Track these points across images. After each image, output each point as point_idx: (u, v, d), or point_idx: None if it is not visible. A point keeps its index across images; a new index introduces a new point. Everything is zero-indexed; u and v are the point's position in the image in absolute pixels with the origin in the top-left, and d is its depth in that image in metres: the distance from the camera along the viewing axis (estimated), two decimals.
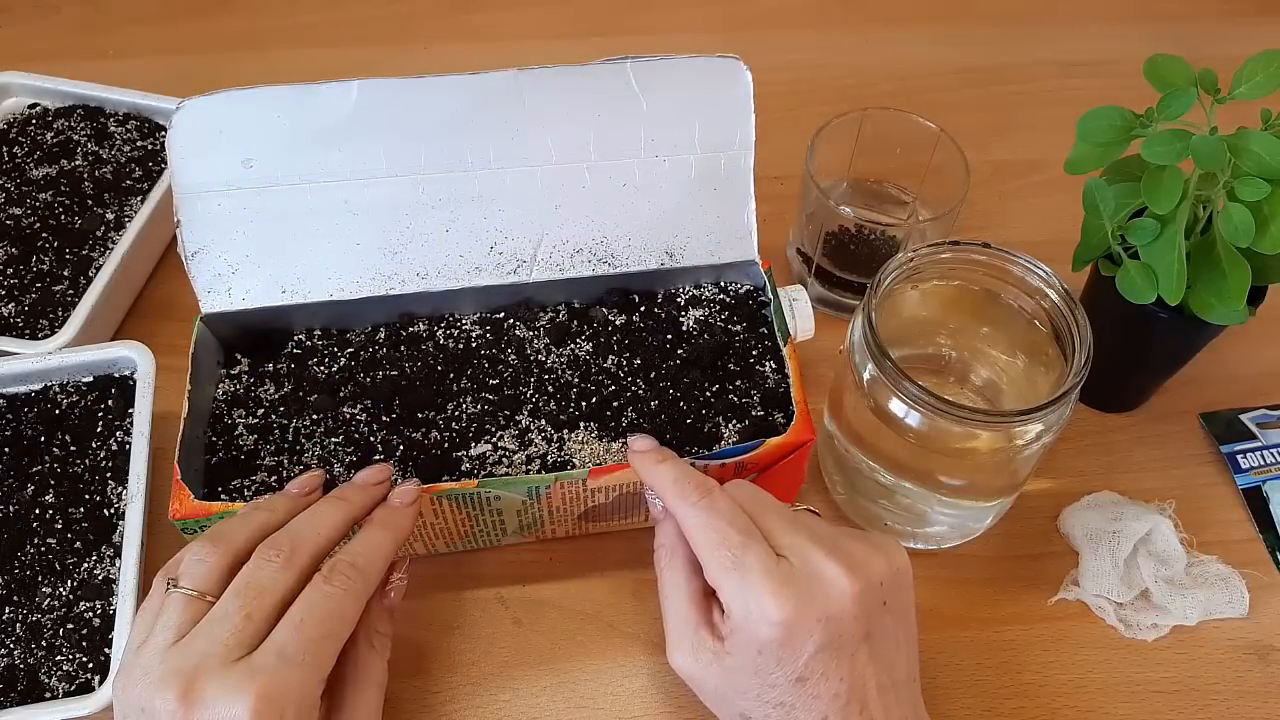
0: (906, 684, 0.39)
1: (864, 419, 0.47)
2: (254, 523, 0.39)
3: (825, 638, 0.36)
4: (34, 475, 0.50)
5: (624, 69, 0.50)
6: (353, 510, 0.40)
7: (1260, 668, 0.49)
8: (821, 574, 0.37)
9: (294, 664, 0.34)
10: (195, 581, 0.36)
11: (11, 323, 0.56)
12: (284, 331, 0.52)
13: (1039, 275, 0.46)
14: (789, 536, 0.38)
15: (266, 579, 0.36)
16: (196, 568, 0.37)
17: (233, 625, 0.35)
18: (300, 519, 0.39)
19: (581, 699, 0.47)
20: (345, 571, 0.37)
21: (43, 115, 0.67)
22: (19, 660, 0.45)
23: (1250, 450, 0.55)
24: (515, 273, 0.52)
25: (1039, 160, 0.70)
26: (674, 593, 0.40)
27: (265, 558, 0.37)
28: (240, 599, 0.35)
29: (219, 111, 0.48)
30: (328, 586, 0.36)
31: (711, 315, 0.53)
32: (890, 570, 0.39)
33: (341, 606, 0.36)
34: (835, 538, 0.39)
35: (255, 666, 0.34)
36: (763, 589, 0.36)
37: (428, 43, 0.79)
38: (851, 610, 0.36)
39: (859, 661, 0.37)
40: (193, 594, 0.36)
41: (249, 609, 0.35)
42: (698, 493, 0.39)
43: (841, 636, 0.36)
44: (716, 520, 0.38)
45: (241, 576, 0.36)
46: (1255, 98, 0.46)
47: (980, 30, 0.81)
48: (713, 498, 0.39)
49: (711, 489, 0.40)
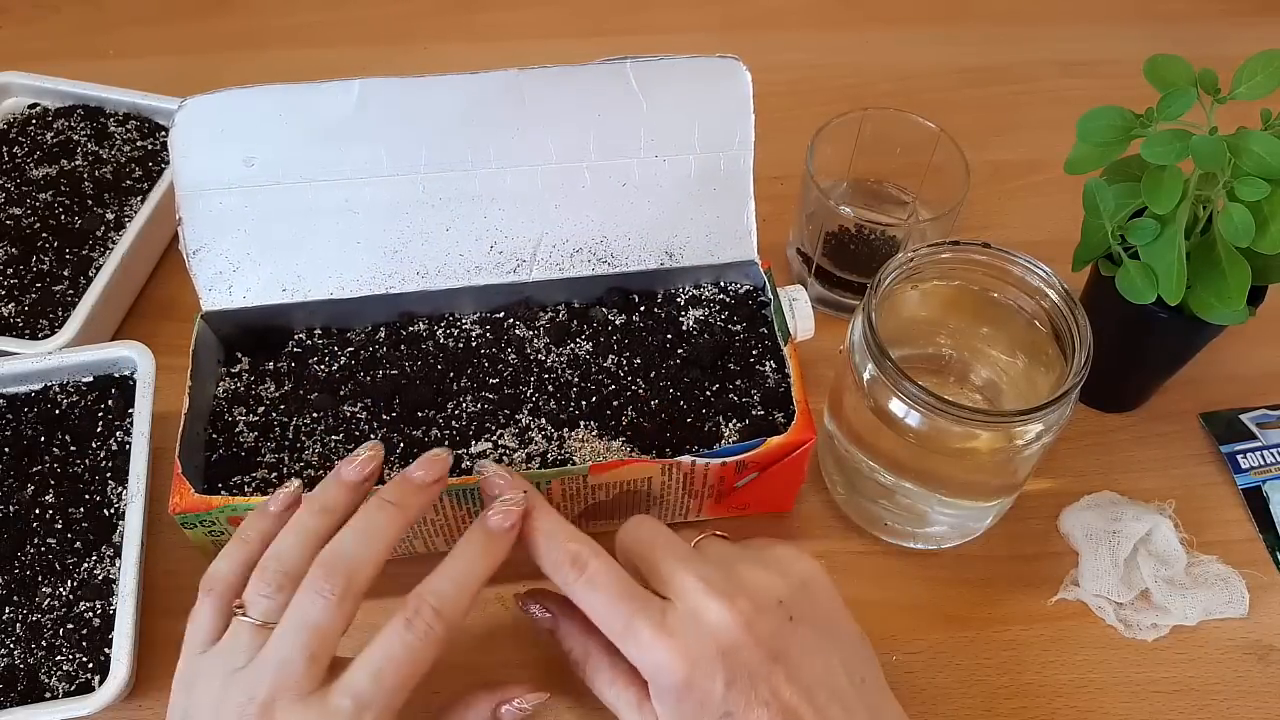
0: (852, 689, 0.37)
1: (864, 419, 0.47)
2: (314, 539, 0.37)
3: (729, 672, 0.36)
4: (34, 475, 0.50)
5: (624, 69, 0.50)
6: (410, 519, 0.38)
7: (1260, 668, 0.49)
8: (703, 613, 0.36)
9: (366, 710, 0.34)
10: (264, 614, 0.36)
11: (11, 323, 0.56)
12: (284, 330, 0.52)
13: (1039, 275, 0.46)
14: (676, 578, 0.37)
15: (324, 619, 0.35)
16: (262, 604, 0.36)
17: (298, 670, 0.34)
18: (354, 534, 0.37)
19: (581, 699, 0.47)
20: (429, 620, 0.35)
21: (43, 115, 0.67)
22: (19, 660, 0.45)
23: (1250, 450, 0.55)
24: (515, 272, 0.52)
25: (1039, 160, 0.70)
26: (603, 685, 0.40)
27: (319, 592, 0.35)
28: (300, 638, 0.34)
29: (221, 110, 0.48)
30: (409, 635, 0.35)
31: (711, 315, 0.53)
32: (789, 586, 0.38)
33: (421, 655, 0.35)
34: (730, 567, 0.38)
35: (330, 709, 0.34)
36: (655, 645, 0.36)
37: (428, 43, 0.79)
38: (744, 639, 0.36)
39: (777, 684, 0.36)
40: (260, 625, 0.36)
41: (312, 649, 0.34)
42: (573, 571, 0.38)
43: (745, 665, 0.36)
44: (600, 595, 0.37)
45: (297, 611, 0.35)
46: (1255, 98, 0.46)
47: (980, 30, 0.81)
48: (588, 572, 0.37)
49: (582, 560, 0.38)
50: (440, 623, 0.36)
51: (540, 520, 0.39)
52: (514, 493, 0.39)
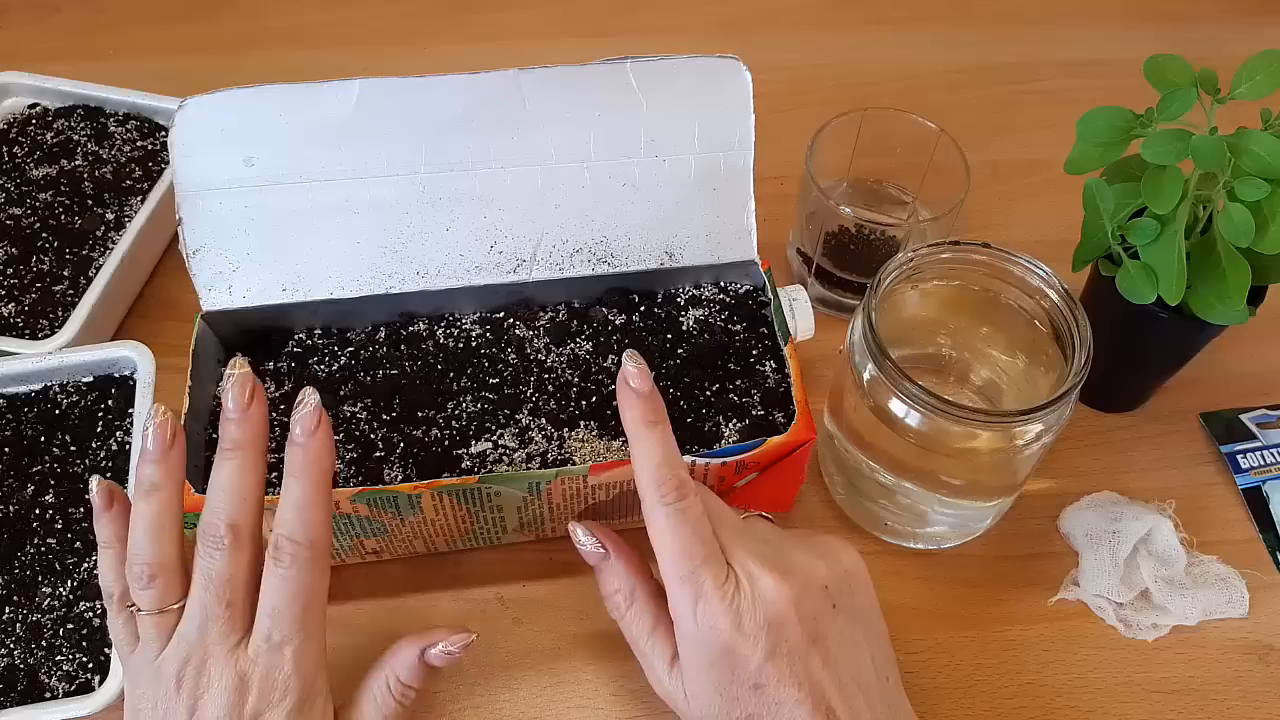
0: (877, 685, 0.38)
1: (864, 419, 0.47)
2: (155, 525, 0.37)
3: (770, 644, 0.37)
4: (34, 475, 0.50)
5: (624, 69, 0.50)
6: (250, 458, 0.38)
7: (1260, 668, 0.49)
8: (759, 584, 0.37)
9: (283, 647, 0.36)
10: (150, 603, 0.37)
11: (11, 323, 0.56)
12: (285, 330, 0.52)
13: (1039, 275, 0.46)
14: (733, 547, 0.39)
15: (225, 568, 0.37)
16: (144, 596, 0.37)
17: (220, 618, 0.36)
18: (213, 495, 0.38)
19: (581, 699, 0.47)
20: (287, 549, 0.37)
21: (43, 115, 0.67)
22: (19, 660, 0.45)
23: (1250, 450, 0.55)
24: (515, 272, 0.52)
25: (1039, 160, 0.70)
26: (641, 633, 0.41)
27: (213, 546, 0.37)
28: (210, 592, 0.36)
29: (221, 110, 0.48)
30: (280, 569, 0.37)
31: (711, 315, 0.53)
32: (835, 574, 0.39)
33: (301, 583, 0.37)
34: (779, 545, 0.40)
35: (250, 656, 0.36)
36: (713, 600, 0.37)
37: (428, 43, 0.79)
38: (791, 615, 0.37)
39: (812, 666, 0.37)
40: (158, 612, 0.37)
41: (227, 597, 0.36)
42: (675, 493, 0.39)
43: (787, 642, 0.37)
44: (685, 530, 0.38)
45: (201, 573, 0.37)
46: (1255, 98, 0.46)
47: (980, 30, 0.81)
48: (686, 503, 0.39)
49: (686, 490, 0.39)
50: (298, 548, 0.37)
51: (664, 436, 0.40)
52: (304, 393, 0.38)
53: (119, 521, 0.39)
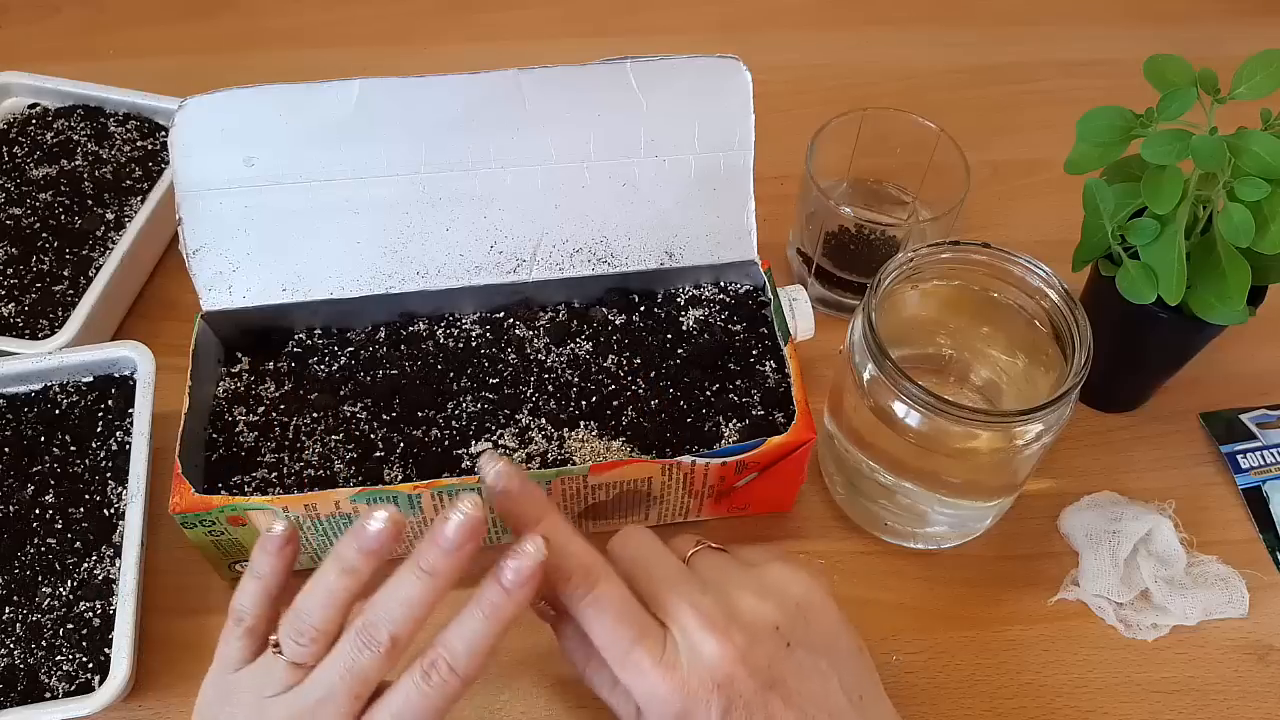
0: (851, 709, 0.38)
1: (864, 419, 0.47)
2: (340, 600, 0.37)
3: (725, 702, 0.36)
4: (34, 475, 0.50)
5: (624, 69, 0.50)
6: (438, 587, 0.38)
7: (1260, 668, 0.49)
8: (699, 647, 0.36)
9: None
10: (298, 658, 0.37)
11: (11, 323, 0.56)
12: (285, 330, 0.52)
13: (1039, 275, 0.46)
14: (673, 608, 0.37)
15: (371, 669, 0.36)
16: (297, 649, 0.37)
17: (341, 705, 0.35)
18: (393, 598, 0.37)
19: (581, 699, 0.47)
20: (443, 673, 0.36)
21: (43, 115, 0.67)
22: (19, 660, 0.45)
23: (1250, 450, 0.55)
24: (515, 272, 0.52)
25: (1039, 160, 0.70)
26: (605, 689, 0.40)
27: (366, 644, 0.36)
28: (345, 682, 0.36)
29: (221, 110, 0.48)
30: (425, 686, 0.36)
31: (711, 315, 0.53)
32: (784, 611, 0.38)
33: (437, 705, 0.36)
34: (722, 590, 0.38)
35: None
36: (652, 676, 0.36)
37: (428, 43, 0.79)
38: (739, 671, 0.36)
39: (773, 711, 0.36)
40: (294, 665, 0.37)
41: (357, 690, 0.36)
42: (583, 585, 0.37)
43: (742, 696, 0.36)
44: (606, 620, 0.37)
45: (345, 657, 0.36)
46: (1255, 98, 0.46)
47: (980, 30, 0.81)
48: (597, 591, 0.37)
49: (594, 577, 0.37)
50: (453, 677, 0.36)
51: (551, 531, 0.38)
52: (531, 544, 0.37)
53: (283, 559, 0.39)
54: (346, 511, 0.44)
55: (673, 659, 0.36)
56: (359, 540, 0.37)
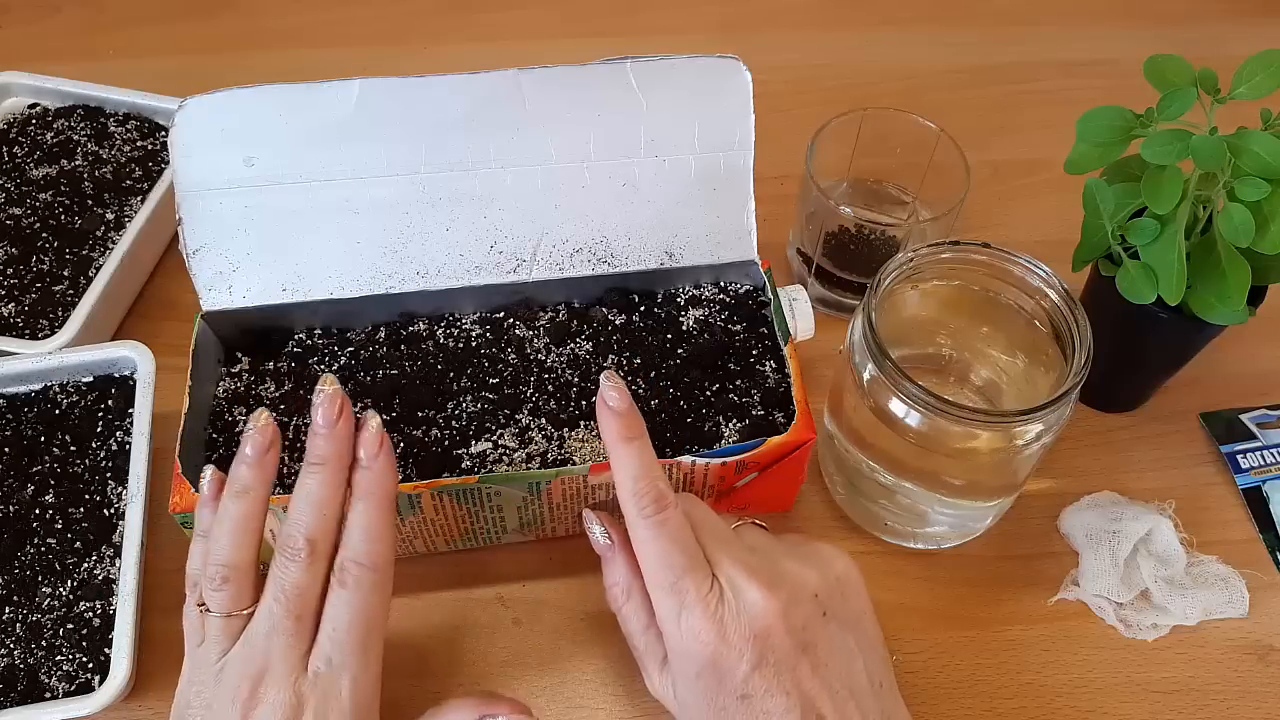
0: (870, 692, 0.38)
1: (864, 419, 0.47)
2: (241, 526, 0.38)
3: (757, 656, 0.37)
4: (34, 475, 0.50)
5: (624, 69, 0.50)
6: (334, 473, 0.39)
7: (1260, 668, 0.49)
8: (744, 595, 0.37)
9: (340, 671, 0.36)
10: (222, 605, 0.37)
11: (11, 323, 0.56)
12: (285, 330, 0.52)
13: (1039, 275, 0.46)
14: (720, 558, 0.39)
15: (300, 581, 0.37)
16: (216, 597, 0.37)
17: (287, 629, 0.36)
18: (297, 506, 0.38)
19: (581, 699, 0.47)
20: (353, 571, 0.37)
21: (43, 115, 0.67)
22: (19, 660, 0.45)
23: (1250, 450, 0.55)
24: (515, 272, 0.52)
25: (1039, 160, 0.70)
26: (637, 628, 0.41)
27: (290, 558, 0.37)
28: (282, 605, 0.36)
29: (221, 110, 0.48)
30: (344, 591, 0.37)
31: (711, 315, 0.53)
32: (826, 581, 0.39)
33: (363, 605, 0.37)
34: (768, 553, 0.40)
35: (308, 681, 0.36)
36: (695, 611, 0.37)
37: (428, 43, 0.79)
38: (778, 626, 0.37)
39: (801, 674, 0.37)
40: (228, 616, 0.37)
41: (296, 611, 0.36)
42: (654, 505, 0.38)
43: (774, 652, 0.37)
44: (665, 543, 0.38)
45: (274, 582, 0.37)
46: (1255, 98, 0.46)
47: (980, 30, 0.81)
48: (665, 514, 0.39)
49: (666, 502, 0.39)
50: (363, 570, 0.37)
51: (641, 450, 0.39)
52: (369, 418, 0.39)
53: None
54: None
55: (715, 601, 0.37)
56: (241, 456, 0.39)
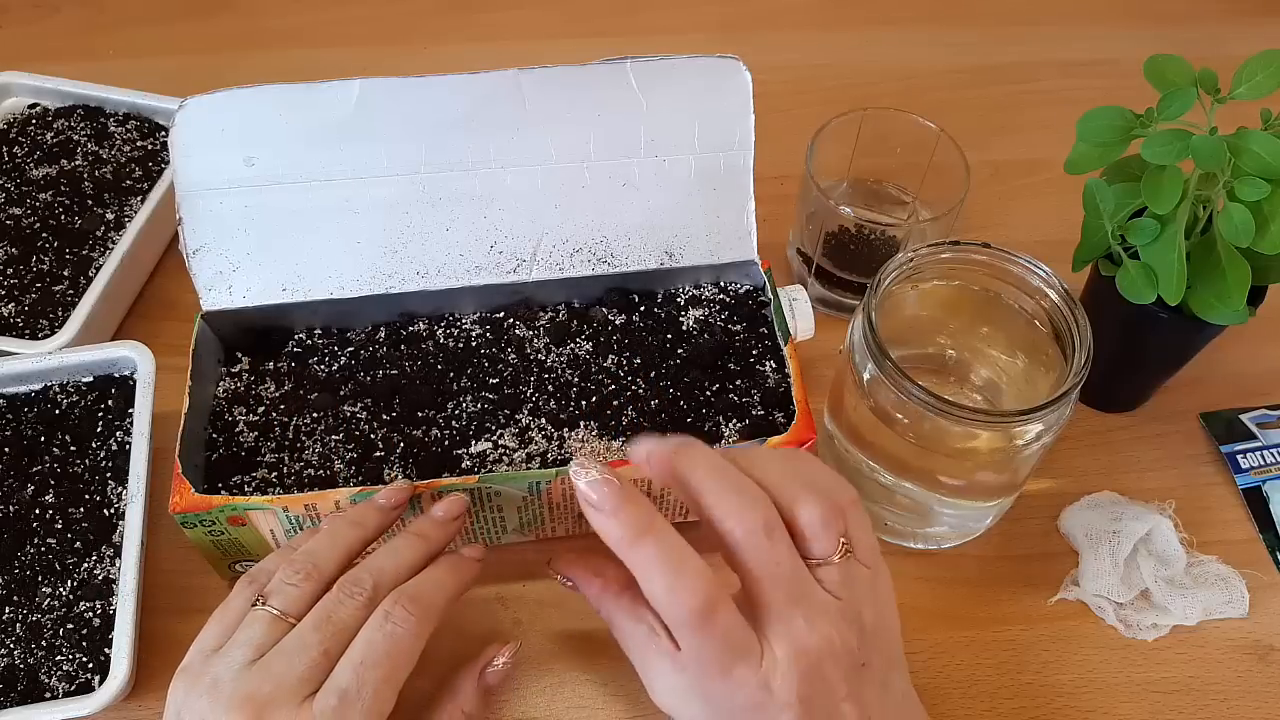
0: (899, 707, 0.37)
1: (864, 419, 0.47)
2: (344, 544, 0.39)
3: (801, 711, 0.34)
4: (34, 475, 0.50)
5: (624, 69, 0.50)
6: (432, 548, 0.40)
7: (1260, 668, 0.49)
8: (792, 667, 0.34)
9: (352, 705, 0.35)
10: (285, 604, 0.37)
11: (11, 323, 0.56)
12: (285, 330, 0.52)
13: (1039, 275, 0.46)
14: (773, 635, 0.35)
15: (348, 616, 0.36)
16: (287, 591, 0.37)
17: (310, 659, 0.35)
18: (383, 554, 0.38)
19: (581, 699, 0.47)
20: (406, 606, 0.36)
21: (43, 115, 0.67)
22: (19, 660, 0.45)
23: (1250, 450, 0.55)
24: (515, 272, 0.52)
25: (1039, 160, 0.70)
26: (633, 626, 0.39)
27: (348, 594, 0.36)
28: (320, 633, 0.36)
29: (221, 110, 0.48)
30: (387, 625, 0.36)
31: (711, 315, 0.53)
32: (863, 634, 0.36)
33: (400, 645, 0.36)
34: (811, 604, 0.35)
35: (317, 711, 0.34)
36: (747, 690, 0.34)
37: (428, 43, 0.79)
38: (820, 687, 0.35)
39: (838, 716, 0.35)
40: (278, 615, 0.36)
41: (327, 644, 0.35)
42: (700, 614, 0.34)
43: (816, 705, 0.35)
44: (716, 645, 0.34)
45: (323, 608, 0.36)
46: (1255, 98, 0.46)
47: (980, 30, 0.81)
48: (715, 617, 0.34)
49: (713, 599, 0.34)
50: (417, 609, 0.37)
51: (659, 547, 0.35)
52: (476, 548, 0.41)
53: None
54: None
55: (767, 675, 0.34)
56: (374, 498, 0.41)
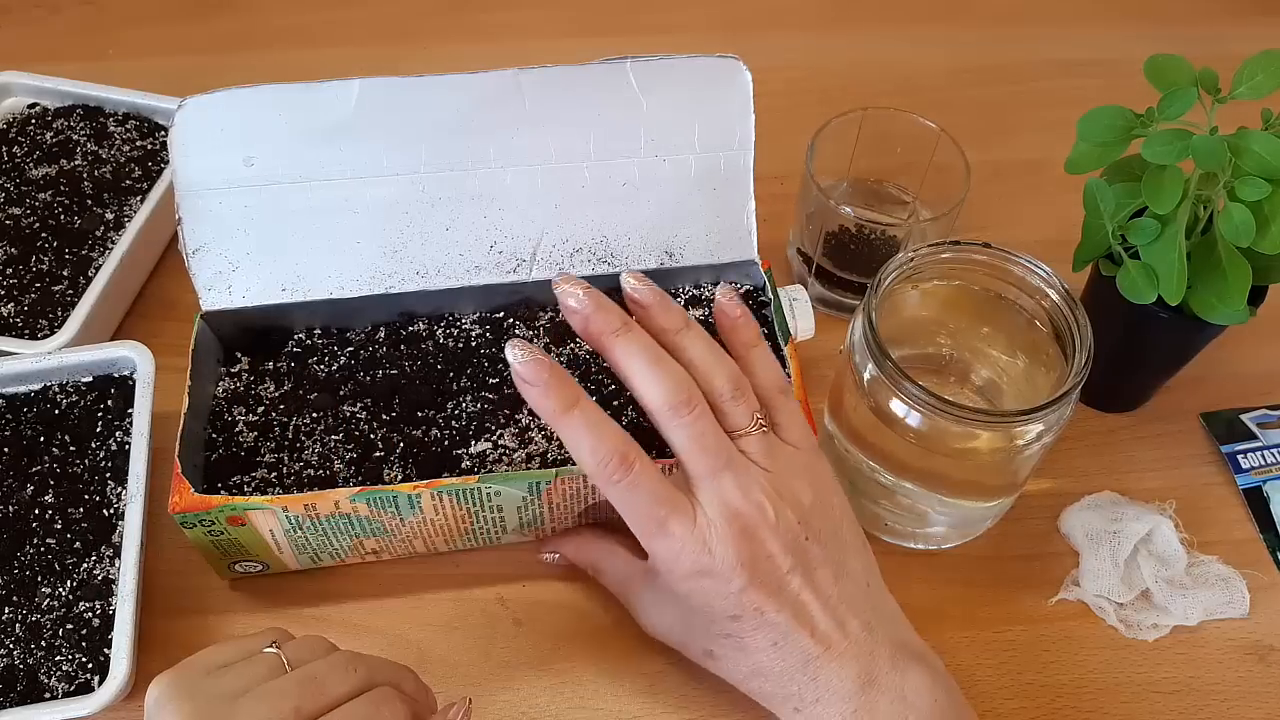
0: (862, 594, 0.41)
1: (864, 419, 0.47)
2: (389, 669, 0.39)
3: (745, 578, 0.38)
4: (34, 475, 0.50)
5: (624, 69, 0.50)
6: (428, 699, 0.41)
7: (1260, 668, 0.49)
8: (729, 527, 0.38)
9: None
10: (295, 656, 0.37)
11: (11, 323, 0.56)
12: (284, 330, 0.52)
13: (1039, 275, 0.46)
14: (704, 497, 0.39)
15: (333, 686, 0.36)
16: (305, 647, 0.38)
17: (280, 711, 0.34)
18: (392, 667, 0.39)
19: (581, 699, 0.47)
20: (399, 708, 0.36)
21: (42, 115, 0.67)
22: (19, 660, 0.45)
23: (1251, 450, 0.55)
24: (515, 272, 0.52)
25: (1039, 160, 0.70)
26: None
27: (344, 665, 0.37)
28: (301, 689, 0.35)
29: (221, 110, 0.48)
30: (380, 712, 0.36)
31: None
32: (805, 504, 0.40)
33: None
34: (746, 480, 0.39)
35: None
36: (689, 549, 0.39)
37: (428, 43, 0.79)
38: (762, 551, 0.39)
39: (791, 589, 0.39)
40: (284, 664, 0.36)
41: (303, 704, 0.35)
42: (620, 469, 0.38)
43: (762, 573, 0.39)
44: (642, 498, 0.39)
45: (314, 668, 0.36)
46: (1255, 98, 0.46)
47: (980, 30, 0.81)
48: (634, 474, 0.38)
49: (630, 460, 0.38)
50: (398, 700, 0.37)
51: (584, 417, 0.38)
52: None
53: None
54: (346, 511, 0.44)
55: (703, 534, 0.39)
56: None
